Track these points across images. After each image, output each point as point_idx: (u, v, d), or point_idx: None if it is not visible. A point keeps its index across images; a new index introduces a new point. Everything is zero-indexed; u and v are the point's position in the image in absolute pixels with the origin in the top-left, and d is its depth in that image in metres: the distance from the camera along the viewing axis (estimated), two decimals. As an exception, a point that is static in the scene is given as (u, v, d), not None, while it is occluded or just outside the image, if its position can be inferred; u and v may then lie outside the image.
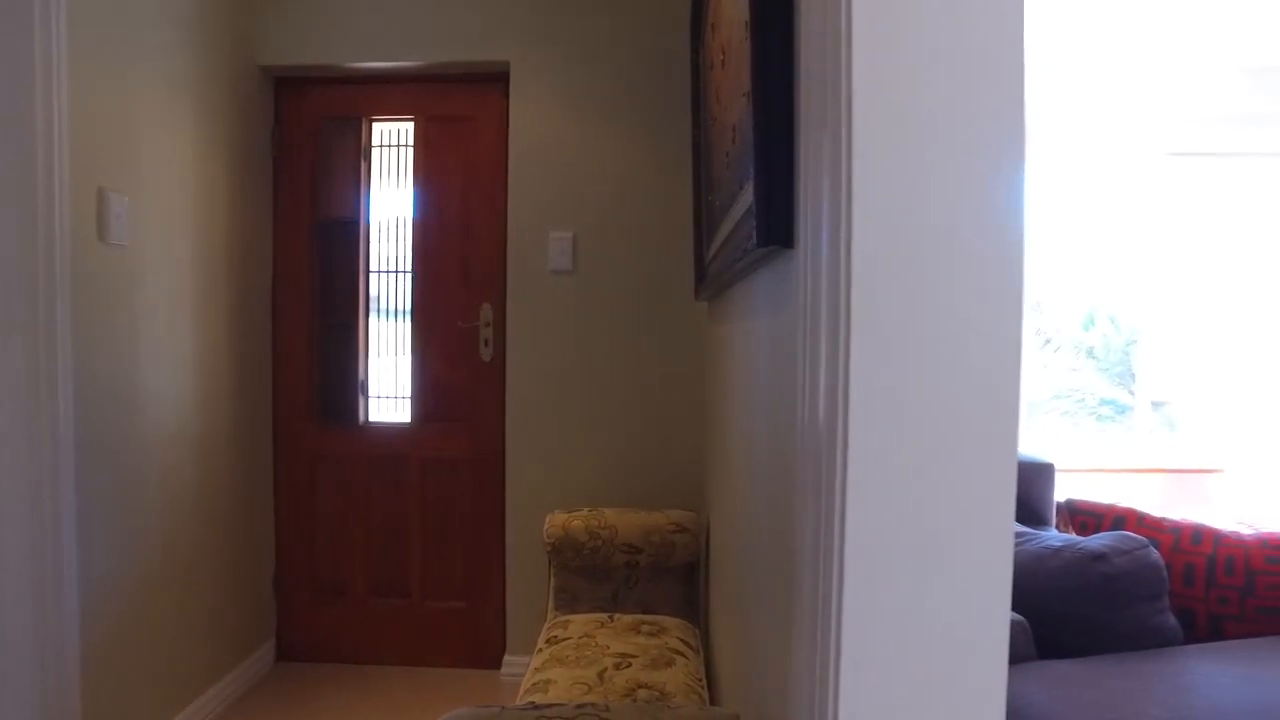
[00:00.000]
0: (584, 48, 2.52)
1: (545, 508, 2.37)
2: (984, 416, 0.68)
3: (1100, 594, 1.33)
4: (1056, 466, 2.97)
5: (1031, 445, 3.75)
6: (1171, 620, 1.37)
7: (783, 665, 0.92)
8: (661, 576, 2.24)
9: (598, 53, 2.52)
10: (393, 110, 2.70)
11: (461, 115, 2.66)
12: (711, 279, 1.78)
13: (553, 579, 2.26)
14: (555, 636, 2.00)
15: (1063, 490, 3.16)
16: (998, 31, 0.67)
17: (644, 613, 2.20)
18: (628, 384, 2.55)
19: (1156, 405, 3.96)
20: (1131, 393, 3.96)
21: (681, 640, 1.98)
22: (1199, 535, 1.53)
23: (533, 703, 1.22)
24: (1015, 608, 1.40)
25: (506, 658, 2.61)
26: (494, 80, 2.59)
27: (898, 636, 0.68)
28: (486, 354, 2.64)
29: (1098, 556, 1.34)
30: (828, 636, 0.69)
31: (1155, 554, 1.35)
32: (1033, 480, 2.85)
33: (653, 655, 1.88)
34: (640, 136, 2.52)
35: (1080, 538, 1.46)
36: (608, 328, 2.54)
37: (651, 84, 2.50)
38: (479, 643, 2.68)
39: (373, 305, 2.74)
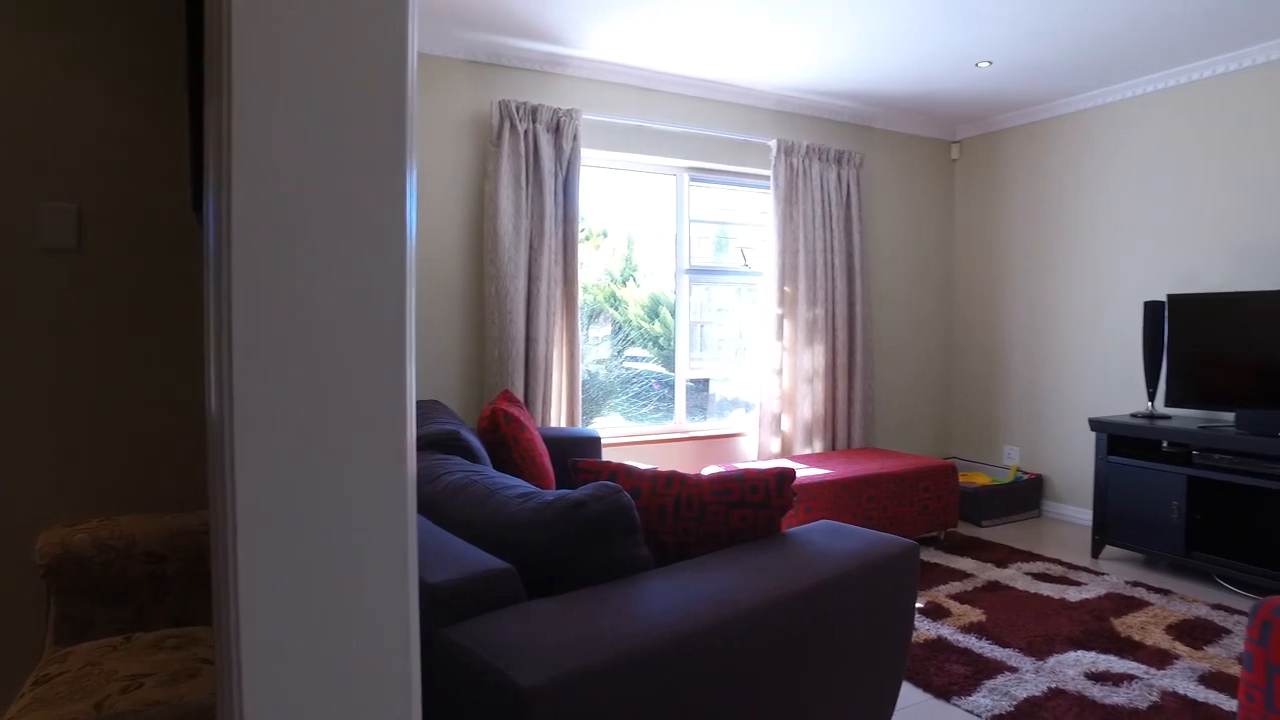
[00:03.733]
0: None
1: (46, 526, 2.02)
2: (371, 395, 0.70)
3: (582, 536, 1.55)
4: (604, 439, 3.40)
5: (602, 424, 4.21)
6: (644, 551, 1.65)
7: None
8: (198, 584, 2.06)
9: None
10: None
11: (-90, 53, 2.13)
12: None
13: (53, 608, 1.94)
14: (47, 675, 1.72)
15: (616, 459, 3.60)
16: (382, 54, 0.73)
17: (175, 626, 2.00)
18: (154, 374, 2.28)
19: (700, 384, 4.70)
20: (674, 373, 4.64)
21: (213, 649, 1.85)
22: (670, 480, 1.86)
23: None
24: (516, 558, 1.57)
25: (-3, 714, 2.17)
26: (-42, 16, 2.12)
27: (298, 616, 0.69)
28: (-42, 350, 2.16)
29: (579, 504, 1.56)
30: (230, 623, 0.69)
31: (626, 497, 1.62)
32: (582, 450, 3.23)
33: (174, 670, 1.73)
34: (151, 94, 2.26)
35: (570, 491, 1.68)
36: (127, 313, 2.23)
37: (166, 38, 2.26)
38: (-39, 703, 2.19)
39: None
